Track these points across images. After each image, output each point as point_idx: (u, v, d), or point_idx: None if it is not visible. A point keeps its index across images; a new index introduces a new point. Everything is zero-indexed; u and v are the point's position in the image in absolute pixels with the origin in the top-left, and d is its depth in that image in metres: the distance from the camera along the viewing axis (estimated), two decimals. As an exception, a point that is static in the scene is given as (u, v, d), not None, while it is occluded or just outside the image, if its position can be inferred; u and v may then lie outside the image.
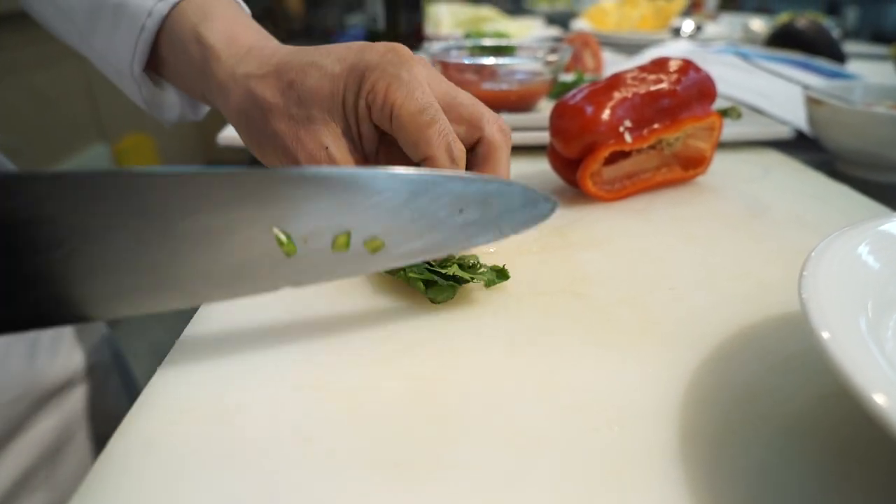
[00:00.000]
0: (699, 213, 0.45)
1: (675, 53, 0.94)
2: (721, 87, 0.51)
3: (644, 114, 0.44)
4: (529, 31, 1.38)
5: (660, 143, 0.47)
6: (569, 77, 0.78)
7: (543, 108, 0.67)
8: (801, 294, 0.22)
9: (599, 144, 0.43)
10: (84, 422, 0.47)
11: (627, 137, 0.44)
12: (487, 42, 0.76)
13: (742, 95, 0.74)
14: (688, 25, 1.46)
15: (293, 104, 0.32)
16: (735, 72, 0.83)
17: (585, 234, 0.41)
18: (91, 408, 0.48)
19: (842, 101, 0.56)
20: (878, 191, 0.50)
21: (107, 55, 0.39)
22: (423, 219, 0.28)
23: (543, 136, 0.52)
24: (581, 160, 0.44)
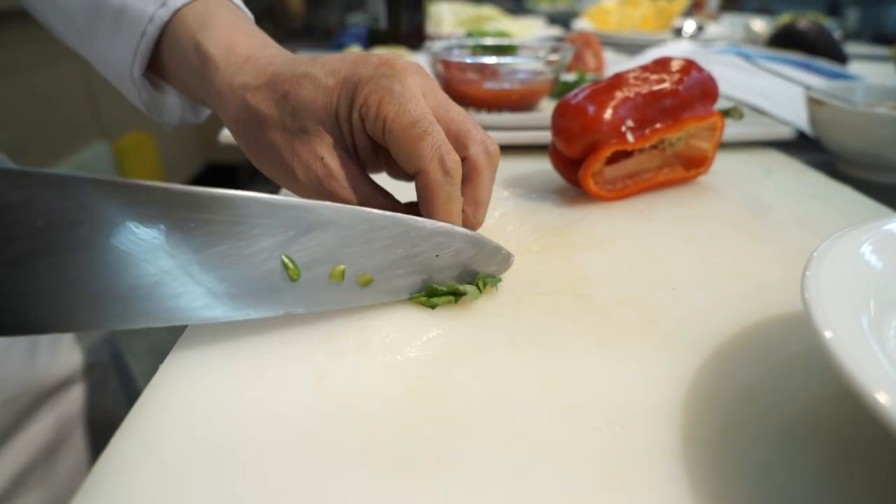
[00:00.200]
0: (701, 214, 0.45)
1: (677, 53, 0.94)
2: (723, 88, 0.51)
3: (646, 113, 0.44)
4: (531, 31, 1.38)
5: (662, 143, 0.47)
6: (570, 77, 0.78)
7: (545, 108, 0.67)
8: (804, 294, 0.22)
9: (601, 144, 0.43)
10: (82, 421, 0.47)
11: (629, 137, 0.43)
12: (489, 41, 0.76)
13: (744, 96, 0.74)
14: (689, 26, 1.46)
15: (287, 115, 0.32)
16: (737, 72, 0.83)
17: (586, 234, 0.41)
18: (89, 407, 0.48)
19: (843, 102, 0.56)
20: (880, 191, 0.50)
21: (107, 58, 0.39)
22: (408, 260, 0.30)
23: (545, 136, 0.52)
24: (583, 160, 0.44)
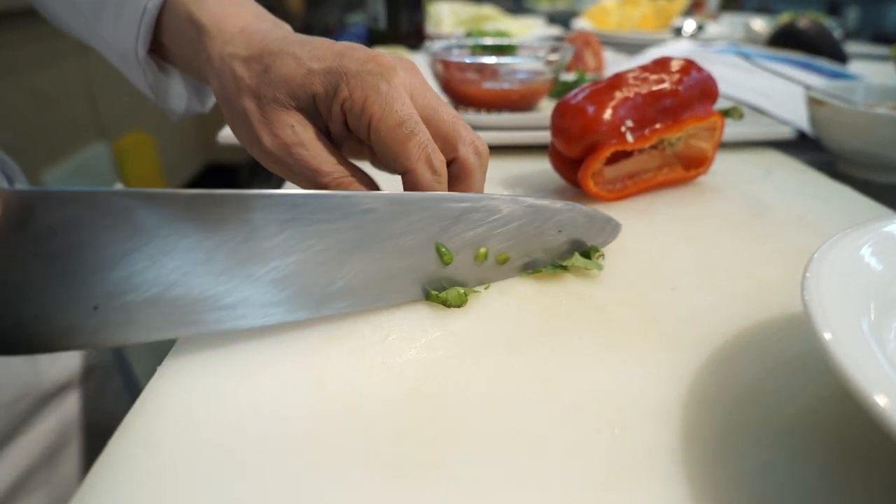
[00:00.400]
0: (700, 214, 0.45)
1: (677, 53, 0.94)
2: (722, 87, 0.51)
3: (646, 113, 0.44)
4: (531, 31, 1.38)
5: (661, 143, 0.47)
6: (570, 76, 0.78)
7: (544, 108, 0.67)
8: (804, 295, 0.22)
9: (601, 144, 0.43)
10: (84, 423, 0.47)
11: (629, 137, 0.43)
12: (489, 41, 0.76)
13: (743, 95, 0.73)
14: (689, 25, 1.46)
15: (264, 85, 0.32)
16: (737, 72, 0.83)
17: (586, 234, 0.41)
18: (91, 409, 0.48)
19: (843, 102, 0.56)
20: (880, 191, 0.50)
21: (112, 41, 0.40)
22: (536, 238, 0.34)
23: (544, 136, 0.52)
24: (582, 160, 0.44)
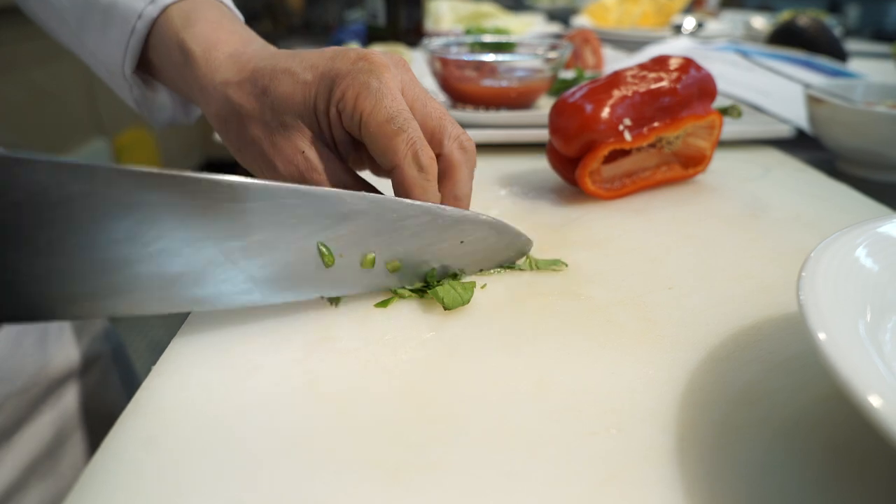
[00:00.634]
0: (699, 212, 0.44)
1: (676, 51, 0.94)
2: (721, 85, 0.51)
3: (644, 112, 0.44)
4: (530, 28, 1.38)
5: (660, 142, 0.47)
6: (569, 74, 0.78)
7: (543, 106, 0.67)
8: (799, 295, 0.22)
9: (599, 143, 0.43)
10: (85, 415, 0.48)
11: (627, 136, 0.43)
12: (488, 38, 0.76)
13: (742, 93, 0.73)
14: (689, 22, 1.45)
15: (267, 110, 0.33)
16: (735, 70, 0.83)
17: (584, 234, 0.41)
18: (92, 401, 0.48)
19: (842, 100, 0.56)
20: (879, 190, 0.50)
21: (98, 55, 0.40)
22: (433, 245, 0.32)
23: (543, 134, 0.52)
24: (580, 158, 0.44)
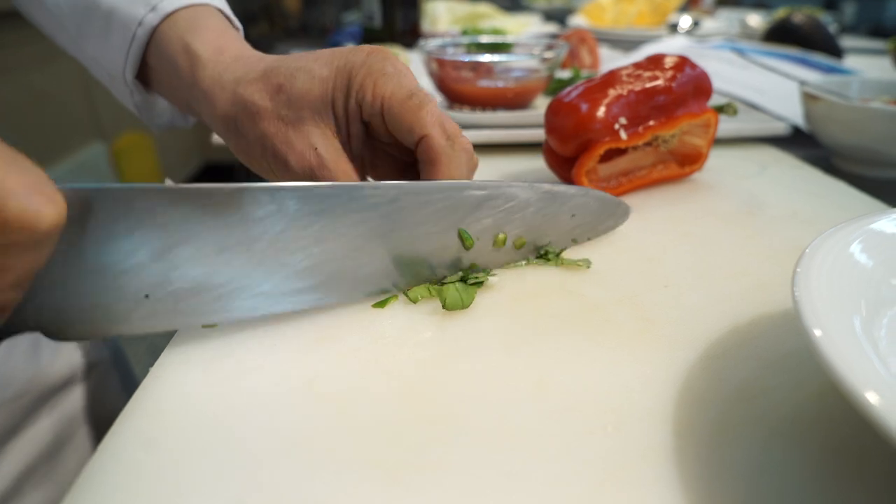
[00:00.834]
0: (695, 211, 0.45)
1: (672, 50, 0.94)
2: (717, 83, 0.51)
3: (639, 111, 0.44)
4: (526, 28, 1.38)
5: (655, 140, 0.47)
6: (565, 74, 0.78)
7: (540, 105, 0.67)
8: (794, 292, 0.22)
9: (595, 142, 0.43)
10: (84, 420, 0.47)
11: (623, 134, 0.43)
12: (484, 39, 0.76)
13: (738, 91, 0.73)
14: (685, 21, 1.45)
15: (283, 106, 0.33)
16: (731, 67, 0.83)
17: (581, 232, 0.41)
18: (91, 406, 0.48)
19: (838, 97, 0.56)
20: (875, 187, 0.50)
21: (99, 60, 0.40)
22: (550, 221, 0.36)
23: (539, 134, 0.52)
24: (576, 158, 0.44)
